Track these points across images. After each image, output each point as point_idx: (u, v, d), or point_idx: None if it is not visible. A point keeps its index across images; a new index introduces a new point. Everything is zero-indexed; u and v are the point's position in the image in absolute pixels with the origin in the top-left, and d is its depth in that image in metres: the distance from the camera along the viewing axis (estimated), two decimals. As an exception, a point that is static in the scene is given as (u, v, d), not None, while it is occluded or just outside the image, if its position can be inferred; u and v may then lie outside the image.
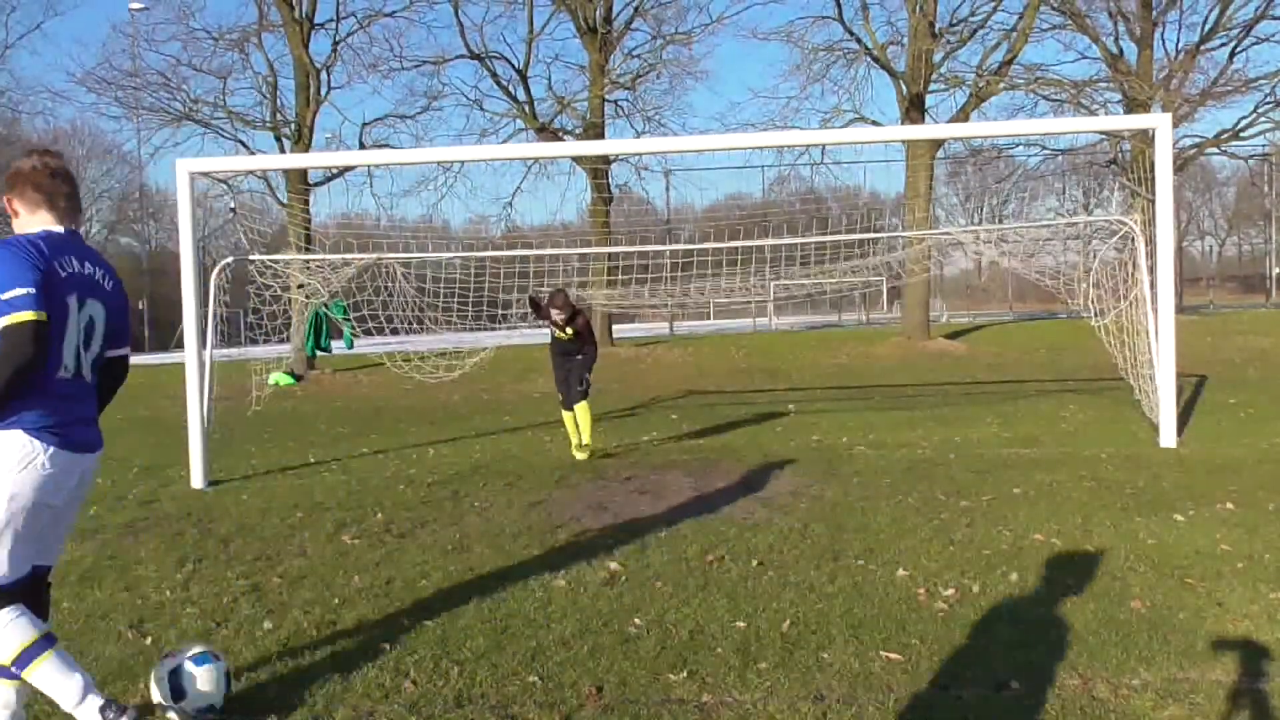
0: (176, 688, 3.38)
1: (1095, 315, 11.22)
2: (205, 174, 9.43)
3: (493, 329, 15.79)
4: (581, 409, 9.63)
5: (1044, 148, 27.76)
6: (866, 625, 4.19)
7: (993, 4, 25.28)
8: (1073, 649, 3.84)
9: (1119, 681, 3.52)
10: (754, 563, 5.26)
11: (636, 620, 4.36)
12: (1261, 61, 51.55)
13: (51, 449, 3.08)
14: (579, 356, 9.87)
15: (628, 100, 27.25)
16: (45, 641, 3.08)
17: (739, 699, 3.49)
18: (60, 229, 3.24)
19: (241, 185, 22.93)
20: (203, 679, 3.40)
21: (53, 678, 3.07)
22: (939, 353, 23.04)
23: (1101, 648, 3.84)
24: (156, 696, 3.42)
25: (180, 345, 9.26)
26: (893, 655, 3.84)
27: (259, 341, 13.14)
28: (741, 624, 4.25)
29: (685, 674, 3.71)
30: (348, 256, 12.81)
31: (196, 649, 3.48)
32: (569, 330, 9.74)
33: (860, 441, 9.86)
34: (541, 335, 10.63)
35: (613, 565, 5.30)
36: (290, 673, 3.87)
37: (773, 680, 3.64)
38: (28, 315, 2.96)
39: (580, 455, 9.45)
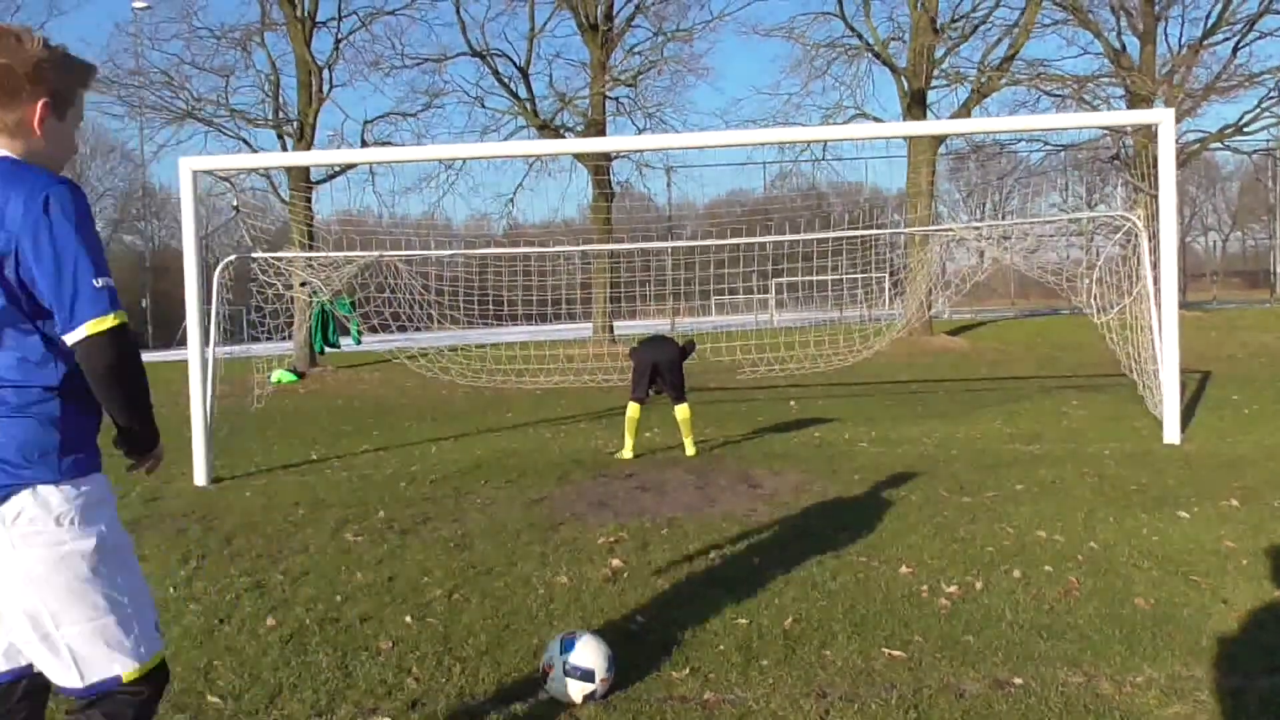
0: (567, 643, 3.50)
1: (1098, 311, 11.20)
2: (208, 172, 9.41)
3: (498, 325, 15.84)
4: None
5: (1046, 143, 27.69)
6: (869, 622, 4.18)
7: (994, -1, 25.26)
8: (1076, 646, 3.83)
9: (1123, 679, 3.51)
10: (756, 559, 5.25)
11: (639, 617, 4.35)
12: (1265, 56, 51.53)
13: None
14: None
15: (629, 97, 27.30)
16: None
17: (741, 696, 3.48)
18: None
19: (244, 183, 22.90)
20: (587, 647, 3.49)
21: None
22: (941, 349, 23.01)
23: (1105, 645, 3.83)
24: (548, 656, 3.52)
25: (183, 343, 9.26)
26: (895, 652, 3.83)
27: (261, 339, 13.15)
28: (743, 621, 4.24)
29: (687, 671, 3.70)
30: (350, 254, 12.81)
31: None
32: None
33: (862, 438, 9.84)
34: (546, 333, 10.38)
35: (614, 562, 5.29)
36: (293, 669, 3.87)
37: (775, 677, 3.63)
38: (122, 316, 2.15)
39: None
